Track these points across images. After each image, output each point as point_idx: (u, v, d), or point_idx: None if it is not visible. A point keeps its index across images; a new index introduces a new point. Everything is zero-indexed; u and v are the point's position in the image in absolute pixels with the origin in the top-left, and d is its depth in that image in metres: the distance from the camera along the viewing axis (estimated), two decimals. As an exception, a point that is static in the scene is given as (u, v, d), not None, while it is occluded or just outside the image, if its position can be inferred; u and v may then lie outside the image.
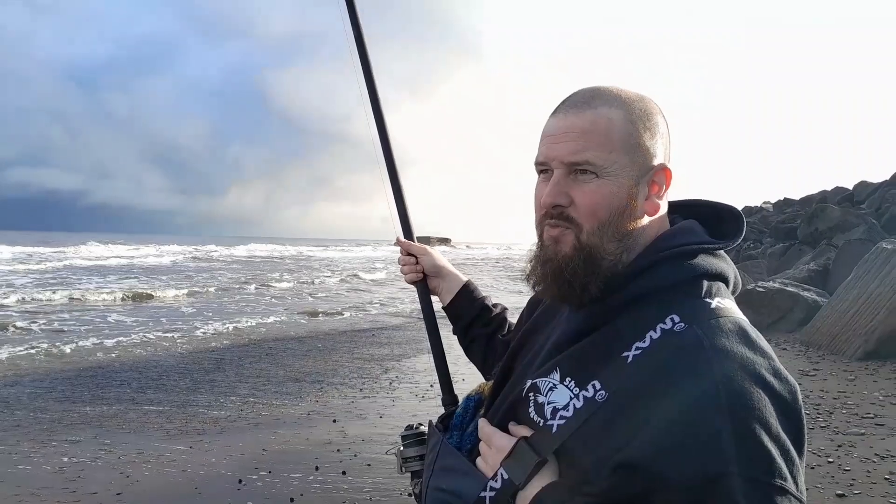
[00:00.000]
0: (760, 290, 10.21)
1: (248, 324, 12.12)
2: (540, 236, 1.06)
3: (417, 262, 1.61)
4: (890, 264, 7.73)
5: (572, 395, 0.95)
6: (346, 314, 14.18)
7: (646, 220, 1.02)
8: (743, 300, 9.96)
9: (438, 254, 1.63)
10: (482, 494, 0.99)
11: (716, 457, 0.80)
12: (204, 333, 10.98)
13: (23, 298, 14.47)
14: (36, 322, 11.43)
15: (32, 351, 8.87)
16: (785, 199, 27.56)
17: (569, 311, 1.07)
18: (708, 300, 0.95)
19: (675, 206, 1.11)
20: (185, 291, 17.32)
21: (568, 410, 0.94)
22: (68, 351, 9.05)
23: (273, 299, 16.96)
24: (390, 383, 7.47)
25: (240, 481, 4.37)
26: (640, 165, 0.99)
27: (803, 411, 0.88)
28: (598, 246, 0.99)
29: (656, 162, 1.01)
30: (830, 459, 4.34)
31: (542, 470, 0.94)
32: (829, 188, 24.15)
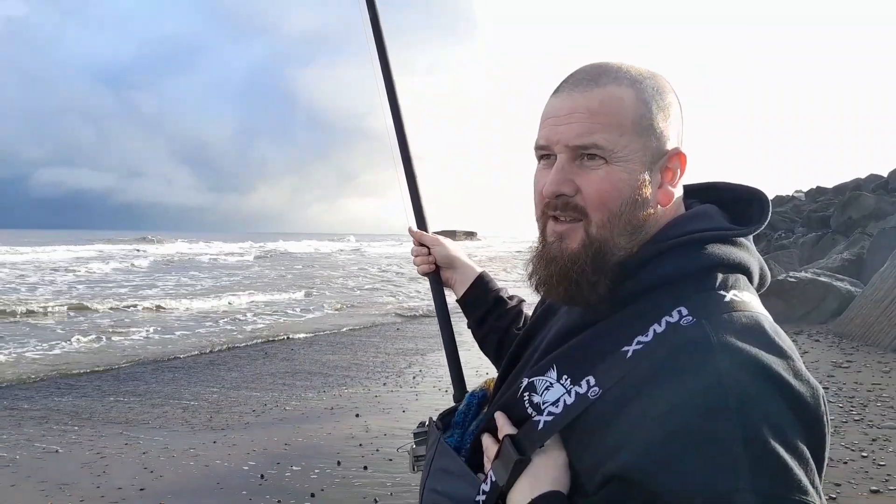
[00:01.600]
0: (792, 280, 9.98)
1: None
2: (542, 231, 0.97)
3: (430, 253, 1.53)
4: (927, 252, 7.49)
5: (565, 391, 0.87)
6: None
7: (659, 210, 0.92)
8: (774, 291, 9.76)
9: (452, 244, 1.55)
10: (477, 499, 0.93)
11: (724, 470, 0.70)
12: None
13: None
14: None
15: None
16: (818, 187, 26.97)
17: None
18: (722, 292, 0.85)
19: (692, 191, 1.02)
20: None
21: (557, 406, 0.87)
22: (101, 344, 9.19)
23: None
24: (414, 377, 7.44)
25: (262, 476, 4.37)
26: (654, 150, 0.90)
27: (826, 418, 0.78)
28: (608, 240, 0.90)
29: (670, 146, 0.91)
30: (864, 454, 4.21)
31: (536, 473, 0.86)
32: (863, 176, 23.56)
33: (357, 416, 5.84)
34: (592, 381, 0.85)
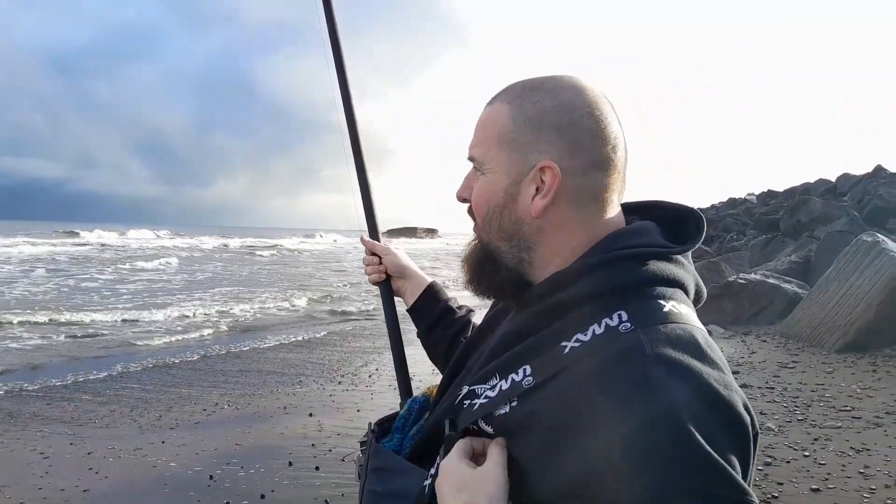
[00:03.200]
0: (742, 281, 10.22)
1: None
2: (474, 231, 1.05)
3: (381, 262, 1.55)
4: (870, 256, 7.75)
5: (501, 379, 0.90)
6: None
7: (536, 221, 0.94)
8: (724, 292, 9.99)
9: (403, 254, 1.57)
10: (425, 483, 0.95)
11: (664, 478, 0.73)
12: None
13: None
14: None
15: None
16: (769, 190, 27.68)
17: (513, 313, 1.01)
18: (661, 301, 0.87)
19: (634, 208, 1.05)
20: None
21: (493, 391, 0.90)
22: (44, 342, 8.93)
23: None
24: (370, 376, 7.41)
25: (210, 476, 4.29)
26: (519, 163, 0.93)
27: (754, 430, 0.81)
28: (489, 242, 0.98)
29: (540, 160, 0.92)
30: (807, 453, 4.33)
31: (472, 487, 0.85)
32: (812, 180, 24.28)
33: (311, 415, 5.78)
34: (528, 370, 0.87)
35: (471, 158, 0.99)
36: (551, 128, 0.92)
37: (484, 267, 0.99)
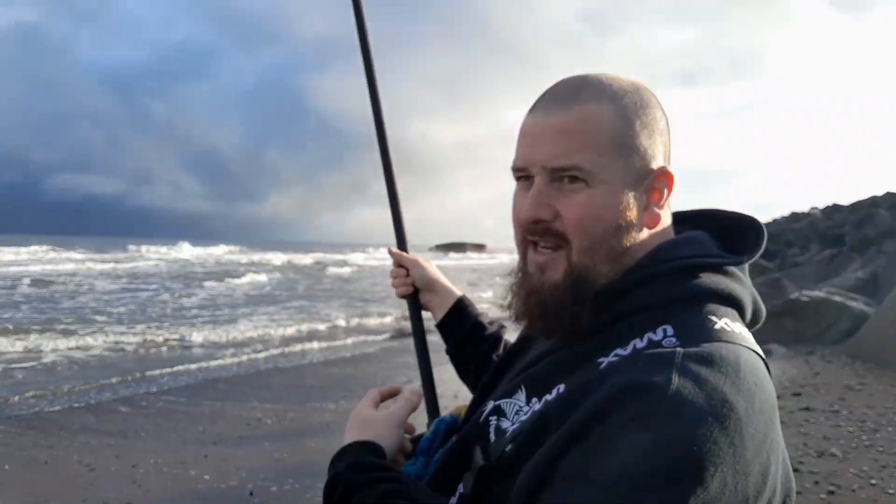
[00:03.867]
0: (805, 298, 9.77)
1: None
2: (522, 258, 0.91)
3: (408, 275, 1.49)
4: (943, 272, 7.31)
5: (534, 399, 0.82)
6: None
7: (645, 233, 0.85)
8: (786, 310, 9.57)
9: (432, 266, 1.51)
10: None
11: (634, 476, 0.63)
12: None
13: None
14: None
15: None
16: (834, 204, 26.74)
17: None
18: (713, 318, 0.77)
19: (684, 218, 0.96)
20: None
21: (524, 413, 0.82)
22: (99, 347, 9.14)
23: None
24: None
25: (250, 493, 4.27)
26: (637, 170, 0.83)
27: (767, 479, 0.70)
28: (590, 268, 0.83)
29: (655, 165, 0.84)
30: (874, 482, 4.03)
31: (367, 423, 0.95)
32: (879, 193, 23.31)
33: (353, 431, 5.71)
34: (562, 388, 0.77)
35: (566, 168, 0.82)
36: (655, 129, 0.85)
37: (575, 303, 0.83)
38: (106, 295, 17.31)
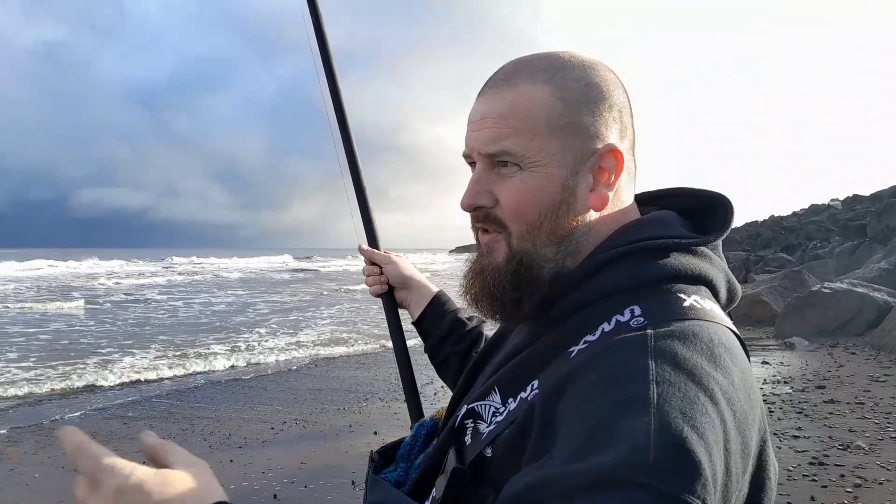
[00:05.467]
0: (827, 290, 9.67)
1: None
2: (476, 243, 0.90)
3: (382, 273, 1.43)
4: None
5: (510, 400, 0.79)
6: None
7: (593, 215, 0.82)
8: (807, 302, 9.47)
9: (406, 262, 1.46)
10: None
11: (628, 461, 0.59)
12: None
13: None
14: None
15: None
16: (854, 195, 26.40)
17: (520, 325, 0.91)
18: (682, 296, 0.75)
19: (650, 198, 0.94)
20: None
21: (500, 415, 0.79)
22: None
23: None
24: (435, 394, 7.34)
25: (274, 496, 4.31)
26: (579, 149, 0.80)
27: (756, 443, 0.69)
28: (531, 252, 0.82)
29: (600, 144, 0.81)
30: (902, 474, 3.99)
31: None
32: (901, 182, 22.95)
33: (375, 433, 5.75)
34: (536, 384, 0.76)
35: (497, 154, 0.81)
36: (604, 106, 0.82)
37: (519, 286, 0.82)
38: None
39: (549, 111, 0.80)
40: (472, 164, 0.88)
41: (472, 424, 0.82)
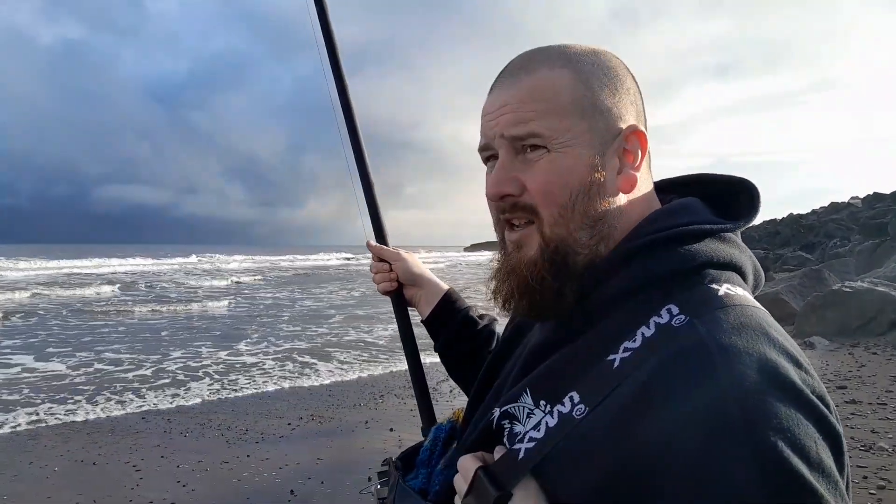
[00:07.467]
0: (847, 290, 9.54)
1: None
2: (501, 241, 0.87)
3: (391, 270, 1.40)
4: None
5: (544, 414, 0.75)
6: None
7: (622, 198, 0.81)
8: (827, 301, 9.35)
9: (416, 259, 1.42)
10: None
11: (734, 495, 0.58)
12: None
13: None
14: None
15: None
16: (875, 193, 26.04)
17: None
18: (714, 286, 0.74)
19: (671, 185, 0.92)
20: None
21: (539, 431, 0.74)
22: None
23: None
24: (451, 390, 7.33)
25: (291, 491, 4.32)
26: (604, 130, 0.79)
27: (839, 427, 0.66)
28: (566, 238, 0.79)
29: (624, 124, 0.80)
30: (926, 476, 3.92)
31: None
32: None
33: (391, 430, 5.75)
34: (577, 397, 0.72)
35: (524, 136, 0.78)
36: (620, 89, 0.81)
37: (556, 278, 0.79)
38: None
39: (573, 93, 0.79)
40: (488, 158, 0.86)
41: (509, 425, 0.80)
